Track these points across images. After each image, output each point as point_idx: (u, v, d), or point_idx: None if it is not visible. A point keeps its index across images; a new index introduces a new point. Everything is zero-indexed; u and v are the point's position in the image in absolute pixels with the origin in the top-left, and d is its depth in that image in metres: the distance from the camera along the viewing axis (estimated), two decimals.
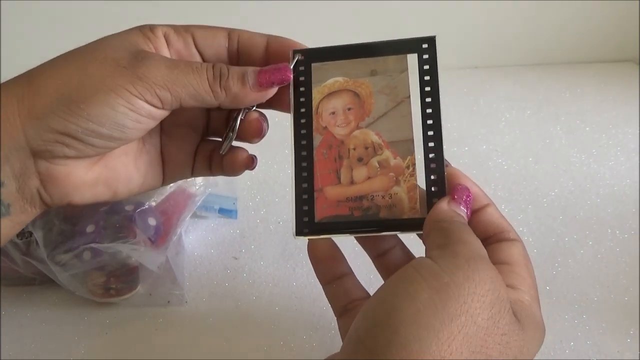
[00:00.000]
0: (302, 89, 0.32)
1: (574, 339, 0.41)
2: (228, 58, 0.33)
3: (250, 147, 0.35)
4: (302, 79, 0.32)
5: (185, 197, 0.46)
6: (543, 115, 0.70)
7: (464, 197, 0.29)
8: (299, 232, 0.31)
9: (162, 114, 0.29)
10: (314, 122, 0.32)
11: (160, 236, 0.43)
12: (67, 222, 0.41)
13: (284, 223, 0.53)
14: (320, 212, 0.31)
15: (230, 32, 0.32)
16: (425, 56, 0.32)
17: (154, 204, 0.43)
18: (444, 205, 0.29)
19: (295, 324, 0.42)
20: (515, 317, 0.25)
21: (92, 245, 0.39)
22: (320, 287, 0.34)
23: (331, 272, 0.33)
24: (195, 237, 0.51)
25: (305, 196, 0.32)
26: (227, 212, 0.53)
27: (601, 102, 0.73)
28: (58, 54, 0.30)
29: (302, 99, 0.32)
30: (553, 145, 0.64)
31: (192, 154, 0.35)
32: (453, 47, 0.81)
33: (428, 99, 0.31)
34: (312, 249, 0.32)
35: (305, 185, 0.32)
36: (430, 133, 0.31)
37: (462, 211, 0.29)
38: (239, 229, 0.52)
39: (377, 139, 0.31)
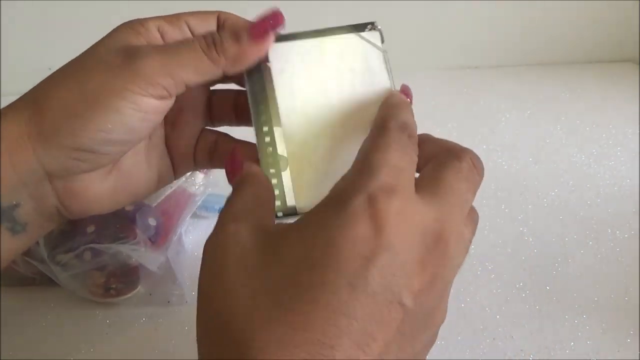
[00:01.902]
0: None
1: (574, 339, 0.41)
2: None
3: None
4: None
5: (185, 197, 0.46)
6: (543, 115, 0.70)
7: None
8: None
9: (167, 104, 0.29)
10: None
11: (161, 236, 0.43)
12: (67, 222, 0.41)
13: None
14: None
15: (219, 15, 0.32)
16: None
17: (154, 204, 0.43)
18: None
19: None
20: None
21: (92, 245, 0.39)
22: None
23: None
24: (196, 237, 0.51)
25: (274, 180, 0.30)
26: None
27: (601, 102, 0.73)
28: (57, 54, 0.29)
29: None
30: (553, 145, 0.64)
31: (194, 144, 0.34)
32: (453, 47, 0.82)
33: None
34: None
35: (272, 170, 0.30)
36: None
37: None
38: None
39: None
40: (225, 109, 0.35)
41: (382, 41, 0.31)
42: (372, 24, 0.32)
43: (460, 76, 0.80)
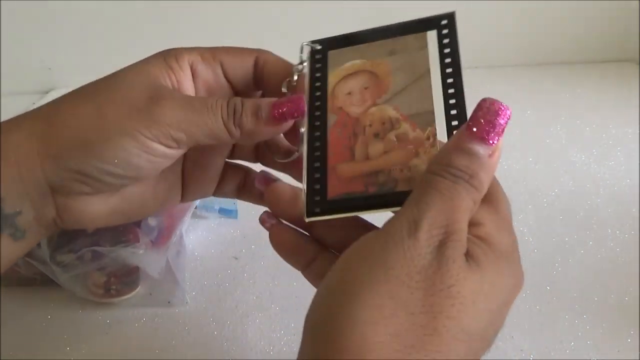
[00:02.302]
0: (317, 74, 0.32)
1: (574, 339, 0.41)
2: (254, 82, 0.33)
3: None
4: (318, 65, 0.32)
5: None
6: (543, 115, 0.70)
7: (482, 118, 0.25)
8: (310, 212, 0.29)
9: (177, 153, 0.29)
10: (328, 104, 0.31)
11: (162, 237, 0.43)
12: None
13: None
14: (332, 190, 0.29)
15: (257, 55, 0.32)
16: (445, 31, 0.31)
17: None
18: (449, 142, 0.25)
19: (296, 324, 0.42)
20: (469, 258, 0.23)
21: (94, 248, 0.39)
22: None
23: (302, 259, 0.31)
24: (196, 237, 0.51)
25: (317, 175, 0.30)
26: (227, 212, 0.53)
27: (601, 102, 0.73)
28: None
29: (317, 84, 0.32)
30: (553, 145, 0.64)
31: (216, 178, 0.35)
32: None
33: (449, 70, 0.30)
34: (274, 242, 0.31)
35: (317, 164, 0.30)
36: (452, 101, 0.29)
37: (474, 144, 0.24)
38: (239, 229, 0.52)
39: (394, 114, 0.30)
40: (246, 150, 0.36)
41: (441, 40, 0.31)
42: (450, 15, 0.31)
43: None
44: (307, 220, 0.29)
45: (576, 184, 0.57)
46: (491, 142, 0.25)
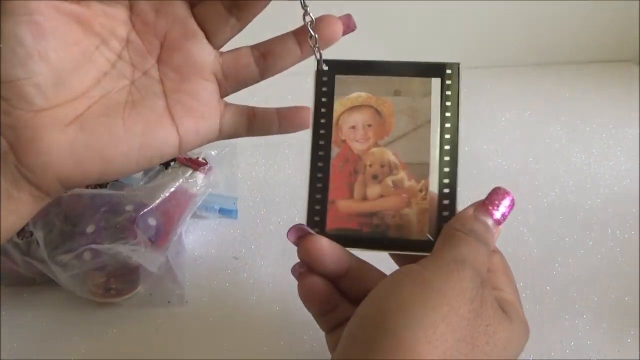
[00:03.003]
0: (324, 99, 0.32)
1: (574, 339, 0.41)
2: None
3: (249, 147, 0.35)
4: (324, 89, 0.32)
5: (186, 197, 0.46)
6: (543, 115, 0.70)
7: (496, 201, 0.30)
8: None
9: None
10: (332, 134, 0.32)
11: (161, 236, 0.43)
12: (67, 222, 0.41)
13: (284, 223, 0.52)
14: (331, 223, 0.31)
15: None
16: (449, 82, 0.32)
17: (154, 204, 0.43)
18: (467, 211, 0.30)
19: (295, 324, 0.42)
20: (501, 309, 0.27)
21: (92, 246, 0.39)
22: None
23: (324, 308, 0.32)
24: (196, 237, 0.51)
25: (317, 207, 0.31)
26: (227, 212, 0.53)
27: (601, 102, 0.73)
28: None
29: (322, 110, 0.32)
30: (553, 145, 0.64)
31: (213, 102, 0.32)
32: (453, 47, 0.82)
33: (447, 125, 0.32)
34: (304, 293, 0.32)
35: (318, 196, 0.31)
36: (447, 158, 0.31)
37: (488, 218, 0.30)
38: (239, 229, 0.52)
39: (394, 159, 0.32)
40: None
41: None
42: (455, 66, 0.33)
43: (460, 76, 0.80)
44: None
45: (576, 184, 0.57)
46: (499, 221, 0.30)
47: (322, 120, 0.32)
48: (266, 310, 0.44)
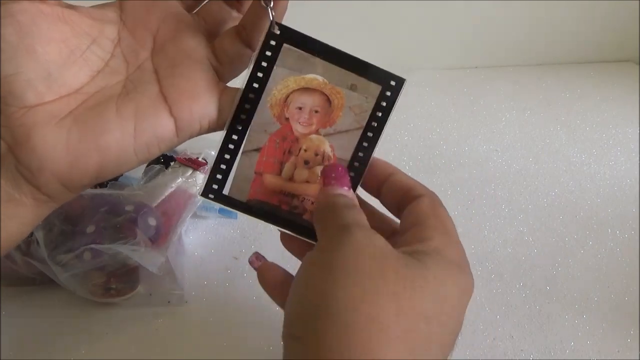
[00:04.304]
0: (263, 64, 0.31)
1: (574, 339, 0.41)
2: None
3: None
4: (268, 54, 0.31)
5: (185, 197, 0.46)
6: (543, 115, 0.70)
7: (334, 175, 0.30)
8: (206, 195, 0.32)
9: None
10: (277, 109, 0.32)
11: (161, 236, 0.43)
12: (67, 222, 0.41)
13: None
14: (253, 194, 0.32)
15: None
16: (387, 93, 0.31)
17: (154, 204, 0.43)
18: (320, 198, 0.30)
19: None
20: (411, 263, 0.26)
21: (92, 246, 0.39)
22: None
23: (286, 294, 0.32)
24: (196, 237, 0.51)
25: (223, 166, 0.32)
26: (227, 212, 0.53)
27: (601, 102, 0.73)
28: None
29: (259, 74, 0.31)
30: (553, 145, 0.64)
31: (208, 83, 0.31)
32: (453, 47, 0.82)
33: (369, 134, 0.32)
34: (262, 278, 0.33)
35: (227, 156, 0.32)
36: (356, 164, 0.32)
37: (341, 190, 0.30)
38: (239, 229, 0.52)
39: (329, 150, 0.32)
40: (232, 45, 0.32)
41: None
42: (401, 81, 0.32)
43: (460, 76, 0.80)
44: (200, 197, 0.32)
45: (576, 184, 0.58)
46: (342, 183, 0.30)
47: (255, 85, 0.31)
48: (266, 310, 0.44)
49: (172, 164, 0.48)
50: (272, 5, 0.30)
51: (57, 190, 0.28)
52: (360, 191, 0.32)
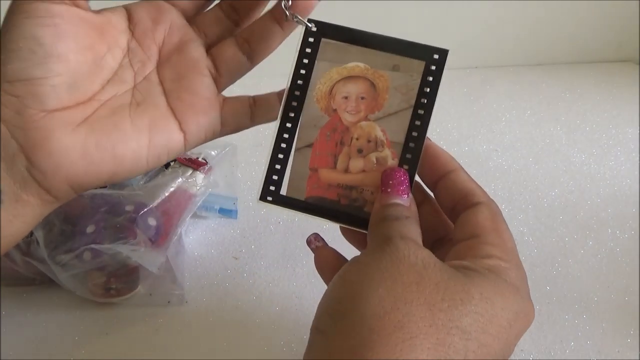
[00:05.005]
0: (305, 60, 0.32)
1: (574, 339, 0.41)
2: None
3: (249, 147, 0.35)
4: (308, 51, 0.32)
5: (185, 197, 0.46)
6: (543, 115, 0.70)
7: (391, 182, 0.29)
8: (263, 198, 0.32)
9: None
10: (323, 102, 0.32)
11: (161, 236, 0.43)
12: (67, 222, 0.41)
13: (284, 223, 0.53)
14: (310, 191, 0.31)
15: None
16: (433, 67, 0.31)
17: (154, 204, 0.43)
18: (375, 208, 0.29)
19: (296, 324, 0.42)
20: (455, 277, 0.25)
21: (92, 246, 0.39)
22: (321, 287, 0.34)
23: None
24: (196, 237, 0.51)
25: (277, 166, 0.32)
26: (227, 212, 0.53)
27: (601, 102, 0.73)
28: None
29: (302, 71, 0.32)
30: (553, 145, 0.64)
31: (212, 98, 0.32)
32: (453, 47, 0.81)
33: (420, 111, 0.31)
34: (317, 260, 0.32)
35: (281, 155, 0.32)
36: (412, 145, 0.31)
37: (396, 199, 0.29)
38: (239, 229, 0.52)
39: (381, 135, 0.31)
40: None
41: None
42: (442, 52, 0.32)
43: (460, 76, 0.80)
44: (258, 202, 0.32)
45: (576, 184, 0.58)
46: (402, 191, 0.30)
47: (299, 82, 0.31)
48: (266, 310, 0.44)
49: (172, 164, 0.48)
50: (290, 5, 0.31)
51: (64, 192, 0.29)
52: None
